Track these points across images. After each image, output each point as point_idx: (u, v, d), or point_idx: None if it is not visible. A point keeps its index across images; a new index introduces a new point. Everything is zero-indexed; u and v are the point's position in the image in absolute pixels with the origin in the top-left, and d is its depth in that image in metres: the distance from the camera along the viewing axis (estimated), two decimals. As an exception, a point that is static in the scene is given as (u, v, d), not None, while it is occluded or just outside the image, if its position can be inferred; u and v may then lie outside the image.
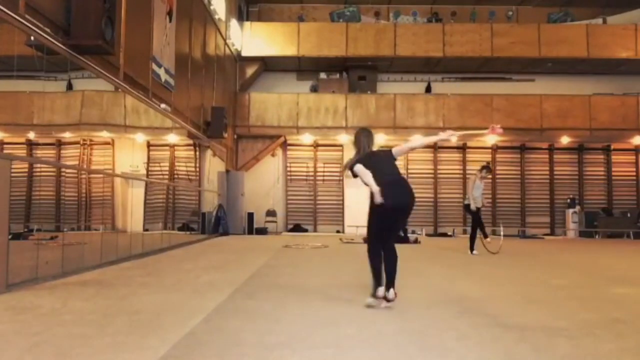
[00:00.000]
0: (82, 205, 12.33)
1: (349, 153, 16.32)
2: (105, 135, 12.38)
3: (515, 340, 2.99)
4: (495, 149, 16.66)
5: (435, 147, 16.52)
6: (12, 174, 4.79)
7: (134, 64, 7.51)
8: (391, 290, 4.01)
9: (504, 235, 10.25)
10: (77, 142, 12.60)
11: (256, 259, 7.57)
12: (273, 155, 16.60)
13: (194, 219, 13.72)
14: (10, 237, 4.59)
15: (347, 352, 2.72)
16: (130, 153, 13.00)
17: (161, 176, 13.98)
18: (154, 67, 8.53)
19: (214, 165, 14.20)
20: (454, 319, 3.54)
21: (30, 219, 10.91)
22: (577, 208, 16.04)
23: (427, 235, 15.57)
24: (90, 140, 12.78)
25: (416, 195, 4.37)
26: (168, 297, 4.28)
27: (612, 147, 16.70)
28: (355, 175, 4.30)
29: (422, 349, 2.78)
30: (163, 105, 9.04)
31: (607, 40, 15.56)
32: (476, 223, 9.15)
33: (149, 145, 13.82)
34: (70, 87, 9.88)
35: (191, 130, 11.24)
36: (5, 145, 10.71)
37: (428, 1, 17.05)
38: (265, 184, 16.43)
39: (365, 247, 4.25)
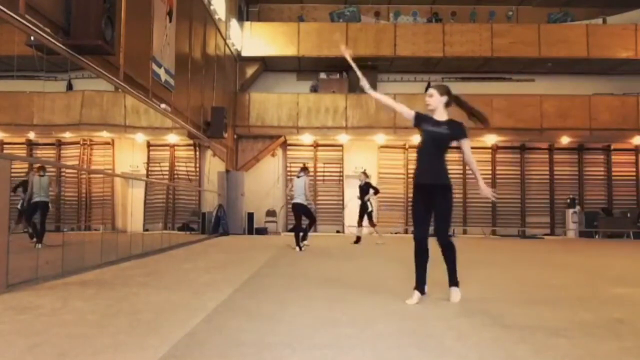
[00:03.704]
0: (82, 205, 12.32)
1: (349, 153, 16.46)
2: (105, 135, 12.37)
3: (515, 340, 2.99)
4: (495, 149, 16.66)
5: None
6: (12, 174, 4.79)
7: (134, 64, 7.51)
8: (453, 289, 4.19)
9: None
10: (77, 142, 12.58)
11: (256, 259, 7.57)
12: (273, 155, 16.60)
13: (194, 219, 13.72)
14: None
15: (347, 352, 2.72)
16: (130, 153, 13.00)
17: (161, 176, 13.98)
18: (154, 67, 8.53)
19: (214, 165, 14.21)
20: (453, 319, 3.54)
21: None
22: (577, 208, 16.04)
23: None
24: (90, 140, 12.76)
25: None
26: (168, 297, 4.27)
27: (612, 147, 16.71)
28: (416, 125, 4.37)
29: (422, 349, 2.78)
30: (163, 105, 9.04)
31: (607, 40, 15.57)
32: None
33: (149, 145, 13.80)
34: (70, 87, 9.88)
35: (191, 130, 11.24)
36: (5, 145, 10.70)
37: (428, 1, 17.06)
38: (265, 184, 16.43)
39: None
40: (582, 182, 16.69)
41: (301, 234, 9.53)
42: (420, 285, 4.19)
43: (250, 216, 14.99)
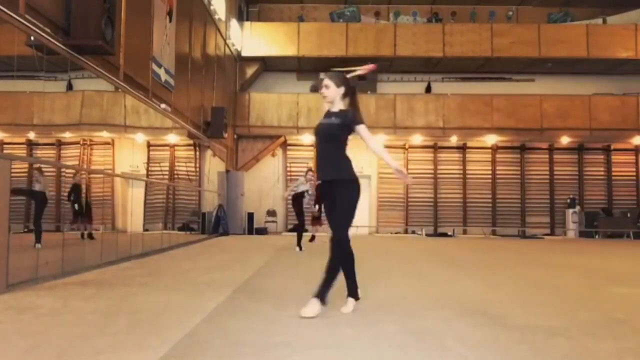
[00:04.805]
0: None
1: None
2: (105, 135, 12.36)
3: (515, 340, 2.99)
4: (495, 149, 16.66)
5: (435, 147, 16.53)
6: (12, 174, 4.79)
7: (134, 64, 7.52)
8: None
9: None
10: (77, 142, 12.58)
11: (256, 259, 7.57)
12: (273, 155, 16.61)
13: (194, 219, 13.72)
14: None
15: (347, 352, 2.71)
16: (130, 153, 12.99)
17: (161, 176, 13.97)
18: (154, 67, 8.53)
19: (214, 165, 14.21)
20: (453, 319, 3.54)
21: (30, 218, 10.90)
22: (577, 208, 16.05)
23: (427, 235, 15.56)
24: (90, 140, 12.76)
25: (416, 195, 4.28)
26: (168, 297, 4.27)
27: (612, 147, 16.72)
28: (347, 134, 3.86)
29: (422, 349, 2.78)
30: (163, 105, 9.05)
31: (607, 40, 15.58)
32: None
33: (149, 145, 13.79)
34: (70, 87, 9.88)
35: (191, 130, 11.25)
36: (5, 145, 10.71)
37: (428, 1, 17.07)
38: (265, 184, 16.44)
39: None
40: (582, 182, 16.70)
41: (308, 233, 9.52)
42: (356, 291, 3.80)
43: (250, 216, 15.00)
